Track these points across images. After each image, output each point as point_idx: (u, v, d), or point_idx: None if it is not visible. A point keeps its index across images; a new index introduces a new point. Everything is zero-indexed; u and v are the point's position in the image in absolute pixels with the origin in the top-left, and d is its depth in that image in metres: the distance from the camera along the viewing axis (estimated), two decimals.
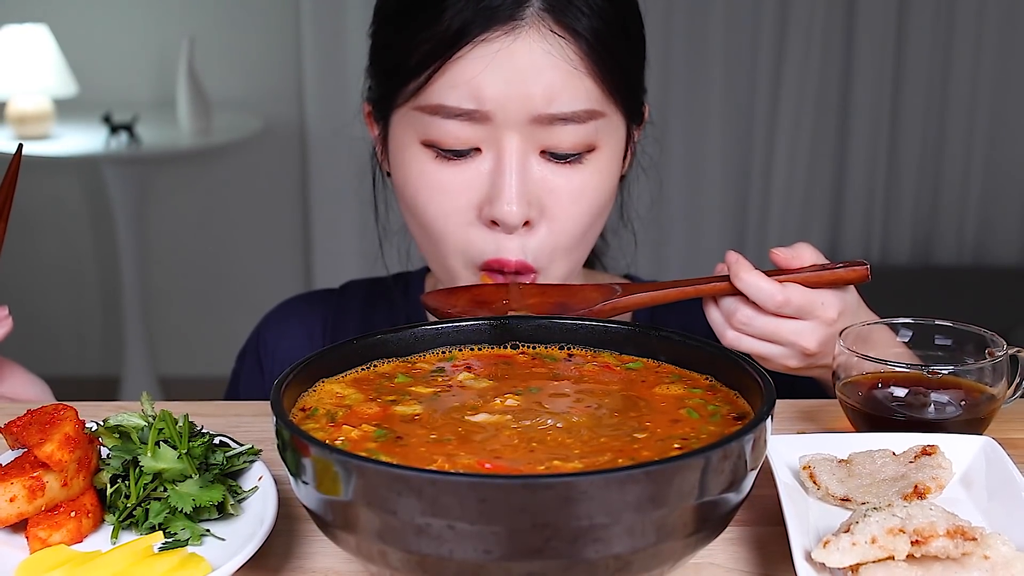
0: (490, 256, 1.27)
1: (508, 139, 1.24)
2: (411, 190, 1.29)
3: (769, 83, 4.11)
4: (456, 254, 1.29)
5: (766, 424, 0.83)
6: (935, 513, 0.84)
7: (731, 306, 1.19)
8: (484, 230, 1.27)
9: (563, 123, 1.24)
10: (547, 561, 0.76)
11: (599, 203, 1.30)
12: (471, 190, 1.26)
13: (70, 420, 0.96)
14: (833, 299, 1.18)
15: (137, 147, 3.93)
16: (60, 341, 4.60)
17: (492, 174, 1.25)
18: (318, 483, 0.80)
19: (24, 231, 4.44)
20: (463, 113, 1.23)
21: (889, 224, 4.15)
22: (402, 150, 1.30)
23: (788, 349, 1.18)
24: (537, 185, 1.26)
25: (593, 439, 0.88)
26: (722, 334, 1.20)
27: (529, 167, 1.25)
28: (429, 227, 1.30)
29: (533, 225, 1.27)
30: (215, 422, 1.11)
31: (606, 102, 1.27)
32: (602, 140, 1.28)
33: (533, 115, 1.23)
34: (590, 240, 1.34)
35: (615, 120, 1.30)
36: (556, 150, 1.25)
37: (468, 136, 1.25)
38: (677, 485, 0.76)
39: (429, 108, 1.25)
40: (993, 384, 1.09)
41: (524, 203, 1.24)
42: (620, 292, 1.20)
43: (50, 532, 0.92)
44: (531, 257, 1.27)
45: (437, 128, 1.25)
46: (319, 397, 0.95)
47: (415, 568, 0.78)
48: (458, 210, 1.27)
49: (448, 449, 0.86)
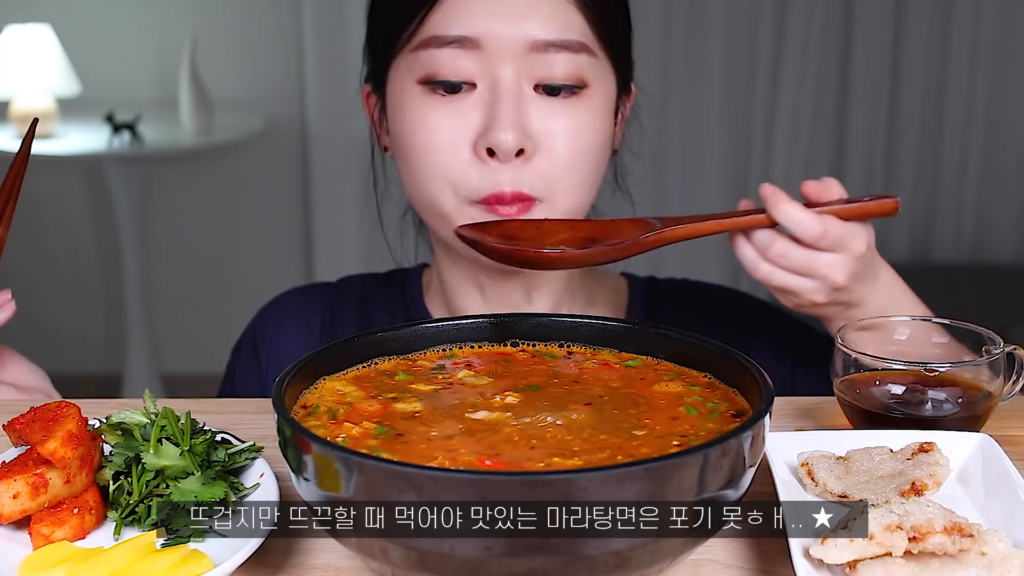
0: (486, 192, 1.28)
1: (502, 69, 1.27)
2: (408, 130, 1.31)
3: (767, 83, 4.11)
4: (448, 191, 1.30)
5: (764, 421, 0.84)
6: (932, 510, 0.85)
7: (766, 239, 1.17)
8: (479, 165, 1.28)
9: (556, 51, 1.27)
10: (547, 558, 0.76)
11: (595, 143, 1.31)
12: (466, 124, 1.28)
13: (73, 417, 0.96)
14: (863, 232, 1.17)
15: (140, 146, 3.93)
16: (63, 338, 4.61)
17: (487, 106, 1.27)
18: (319, 480, 0.80)
19: (27, 229, 4.44)
20: (456, 40, 1.26)
21: (887, 222, 4.13)
22: (400, 96, 1.32)
23: (819, 283, 1.17)
24: (532, 117, 1.28)
25: (593, 436, 0.88)
26: (755, 268, 1.18)
27: (523, 98, 1.27)
28: (424, 165, 1.30)
29: (528, 156, 1.28)
30: (217, 419, 1.12)
31: (595, 43, 1.30)
32: (593, 80, 1.30)
33: (527, 43, 1.26)
34: (591, 183, 1.34)
35: (604, 66, 1.32)
36: (550, 80, 1.28)
37: (462, 67, 1.27)
38: (676, 482, 0.77)
39: (424, 42, 1.28)
40: (990, 381, 1.09)
41: (519, 131, 1.26)
42: (660, 226, 1.17)
43: (53, 529, 0.92)
44: (527, 187, 1.28)
45: (432, 60, 1.28)
46: (320, 394, 0.96)
47: (416, 565, 0.79)
48: (453, 144, 1.28)
49: (449, 446, 0.86)
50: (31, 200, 4.58)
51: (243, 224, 4.54)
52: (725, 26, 4.07)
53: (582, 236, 1.20)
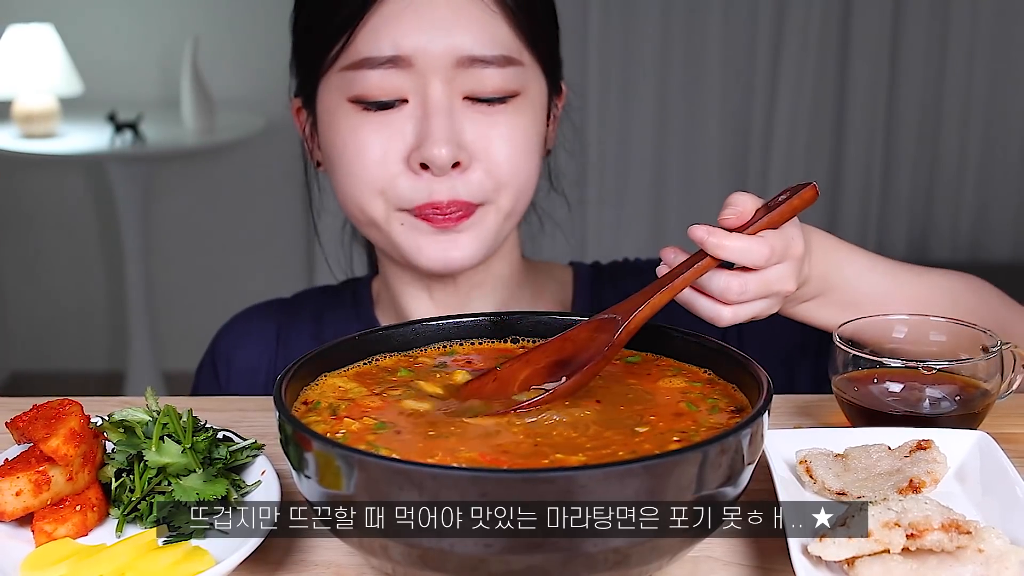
0: (421, 201, 1.29)
1: (433, 84, 1.28)
2: (339, 146, 1.32)
3: (765, 84, 4.11)
4: (379, 199, 1.31)
5: (763, 419, 0.84)
6: (930, 507, 0.85)
7: (722, 284, 1.06)
8: (412, 177, 1.29)
9: (483, 66, 1.28)
10: (547, 555, 0.76)
11: (529, 146, 1.33)
12: (398, 138, 1.29)
13: (75, 415, 0.97)
14: (796, 231, 1.11)
15: (142, 145, 3.94)
16: (66, 337, 4.62)
17: (420, 121, 1.28)
18: (320, 477, 0.80)
19: (30, 228, 4.45)
20: (387, 60, 1.27)
21: (885, 221, 4.15)
22: (331, 114, 1.33)
23: (774, 299, 1.11)
24: (465, 128, 1.29)
25: (597, 433, 0.88)
26: (719, 317, 1.08)
27: (455, 110, 1.29)
28: (356, 176, 1.31)
29: (465, 167, 1.29)
30: (218, 417, 1.12)
31: (524, 51, 1.31)
32: (523, 88, 1.32)
33: (455, 59, 1.27)
34: (528, 185, 1.35)
35: (534, 72, 1.33)
36: (479, 94, 1.29)
37: (393, 85, 1.28)
38: (675, 479, 0.77)
39: (354, 64, 1.29)
40: (987, 379, 1.09)
41: (453, 144, 1.27)
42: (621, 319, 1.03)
43: (56, 526, 0.93)
44: (466, 195, 1.29)
45: (363, 81, 1.29)
46: (321, 391, 0.96)
47: (416, 561, 0.79)
48: (385, 158, 1.29)
49: (449, 444, 0.86)
50: (34, 199, 4.59)
51: (244, 222, 4.55)
52: (724, 27, 4.07)
53: (543, 366, 1.03)
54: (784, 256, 1.08)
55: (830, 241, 1.22)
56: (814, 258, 1.17)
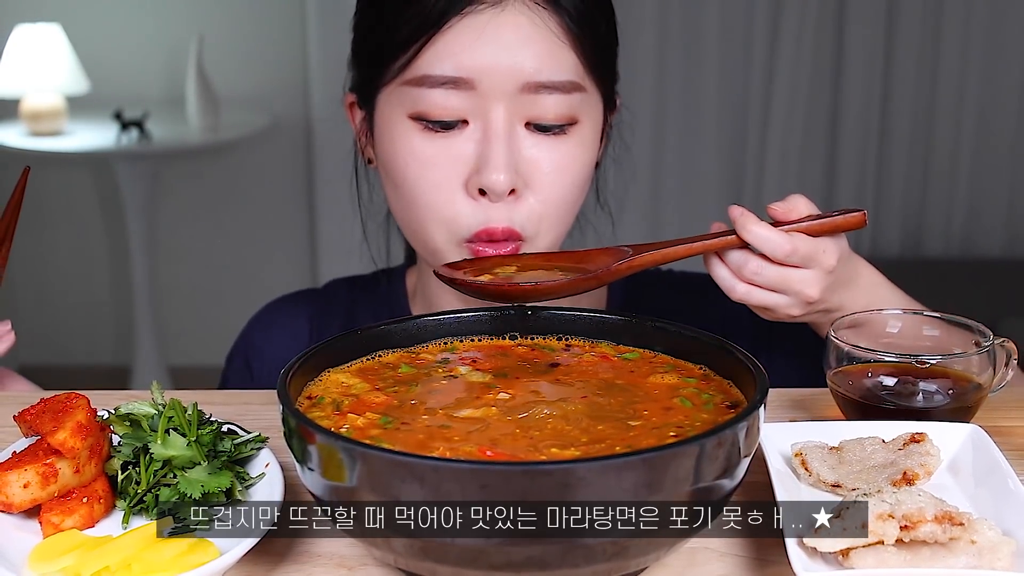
0: (477, 228, 1.28)
1: (495, 109, 1.26)
2: (399, 164, 1.30)
3: (760, 84, 4.11)
4: (441, 228, 1.30)
5: (759, 412, 0.85)
6: (923, 499, 0.86)
7: (740, 259, 1.16)
8: (471, 202, 1.28)
9: (548, 92, 1.26)
10: (546, 546, 0.77)
11: (582, 177, 1.32)
12: (459, 161, 1.28)
13: (82, 408, 0.97)
14: (832, 246, 1.17)
15: (147, 143, 3.95)
16: (73, 332, 4.63)
17: (479, 144, 1.27)
18: (323, 470, 0.81)
19: (37, 225, 4.46)
20: (449, 81, 1.25)
21: (879, 217, 4.16)
22: (390, 126, 1.31)
23: (793, 298, 1.17)
24: (523, 155, 1.28)
25: (591, 427, 0.89)
26: (732, 288, 1.18)
27: (515, 137, 1.27)
28: (416, 201, 1.30)
29: (519, 195, 1.28)
30: (223, 410, 1.13)
31: (586, 77, 1.30)
32: (583, 115, 1.30)
33: (519, 84, 1.25)
34: (572, 214, 1.35)
35: (594, 97, 1.32)
36: (541, 120, 1.28)
37: (455, 106, 1.26)
38: (673, 472, 0.78)
39: (416, 80, 1.27)
40: (980, 373, 1.10)
41: (511, 171, 1.26)
42: (631, 253, 1.17)
43: (63, 517, 0.93)
44: (518, 225, 1.29)
45: (424, 99, 1.27)
46: (325, 386, 0.97)
47: (418, 553, 0.80)
48: (446, 182, 1.28)
49: (450, 437, 0.87)
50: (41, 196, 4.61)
51: (249, 219, 4.56)
52: (720, 27, 4.07)
53: (555, 267, 1.19)
54: (810, 262, 1.16)
55: (879, 278, 1.27)
56: (859, 291, 1.24)
